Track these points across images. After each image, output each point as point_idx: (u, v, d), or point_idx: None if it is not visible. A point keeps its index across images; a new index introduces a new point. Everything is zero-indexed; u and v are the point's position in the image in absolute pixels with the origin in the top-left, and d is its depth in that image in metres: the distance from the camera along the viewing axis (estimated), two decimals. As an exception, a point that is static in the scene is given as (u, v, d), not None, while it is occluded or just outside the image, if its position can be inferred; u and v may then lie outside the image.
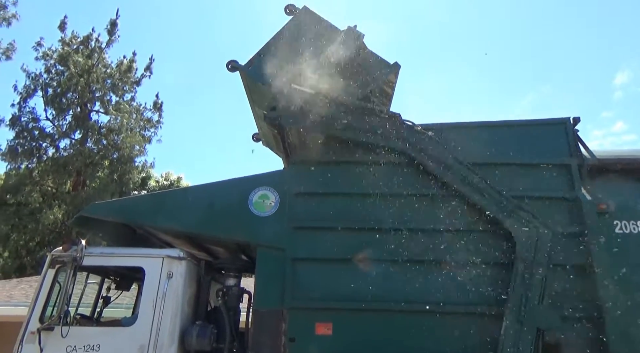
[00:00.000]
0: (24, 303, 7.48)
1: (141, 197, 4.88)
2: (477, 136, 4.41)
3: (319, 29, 4.79)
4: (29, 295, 8.24)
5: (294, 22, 4.84)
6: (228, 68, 4.72)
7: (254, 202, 4.31)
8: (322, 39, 4.68)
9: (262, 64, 4.62)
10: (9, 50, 21.60)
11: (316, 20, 4.84)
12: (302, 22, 4.81)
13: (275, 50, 4.69)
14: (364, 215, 4.17)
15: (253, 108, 5.40)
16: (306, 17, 4.84)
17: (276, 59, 4.59)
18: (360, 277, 4.00)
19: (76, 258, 3.89)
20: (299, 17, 4.83)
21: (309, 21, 4.82)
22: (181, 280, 4.13)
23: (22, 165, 20.53)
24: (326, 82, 4.40)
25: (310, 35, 4.73)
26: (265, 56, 4.68)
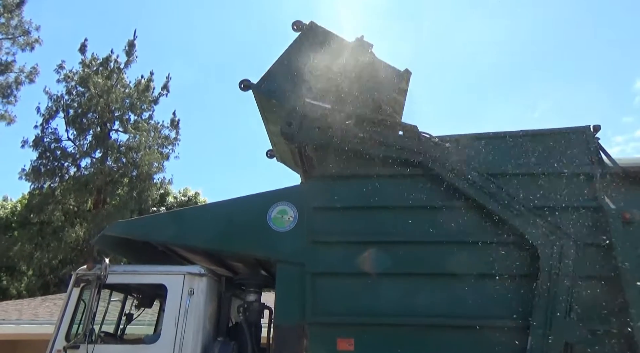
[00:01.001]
0: (49, 322, 7.60)
1: (162, 214, 4.97)
2: (496, 146, 4.37)
3: (327, 43, 4.84)
4: (54, 313, 8.38)
5: (302, 38, 4.90)
6: (241, 87, 4.77)
7: (273, 218, 4.33)
8: (332, 52, 4.73)
9: (274, 81, 4.68)
10: (32, 73, 22.37)
11: (324, 34, 4.90)
12: (311, 37, 4.87)
13: (286, 67, 4.74)
14: (384, 229, 4.16)
15: (267, 126, 5.45)
16: (314, 32, 4.89)
17: (288, 75, 4.64)
18: (381, 291, 3.97)
19: (100, 277, 3.96)
20: (307, 33, 4.90)
21: (317, 36, 4.88)
22: (202, 297, 4.16)
23: (45, 184, 21.06)
24: (339, 95, 4.44)
25: (319, 49, 4.78)
26: (276, 73, 4.74)
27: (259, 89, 4.76)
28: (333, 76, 4.55)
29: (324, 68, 4.61)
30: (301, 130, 4.31)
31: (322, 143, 4.38)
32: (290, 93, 4.51)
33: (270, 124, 5.34)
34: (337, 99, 4.45)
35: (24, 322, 7.87)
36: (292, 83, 4.58)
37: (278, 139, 5.45)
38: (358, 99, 4.52)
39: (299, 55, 4.78)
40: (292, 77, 4.62)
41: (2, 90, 21.59)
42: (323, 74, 4.57)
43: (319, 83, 4.52)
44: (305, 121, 4.32)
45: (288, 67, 4.72)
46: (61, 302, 8.96)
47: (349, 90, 4.51)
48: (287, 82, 4.61)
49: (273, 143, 5.92)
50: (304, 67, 4.65)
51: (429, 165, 4.21)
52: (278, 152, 6.10)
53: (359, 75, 4.60)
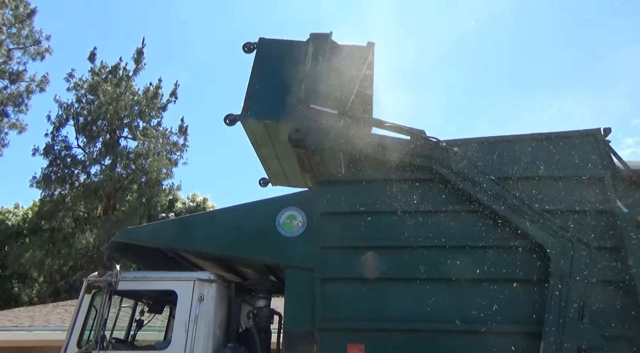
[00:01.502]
0: (60, 328, 7.67)
1: (171, 221, 5.00)
2: (504, 150, 4.35)
3: (284, 50, 4.80)
4: (65, 319, 8.45)
5: (259, 55, 4.84)
6: (226, 123, 4.60)
7: (282, 223, 4.34)
8: (295, 57, 4.70)
9: (257, 102, 4.60)
10: (43, 82, 22.75)
11: (278, 43, 4.86)
12: (266, 51, 4.83)
13: (262, 84, 4.68)
14: (393, 234, 4.14)
15: (258, 151, 5.35)
16: (266, 45, 4.85)
17: (268, 90, 4.61)
18: (391, 297, 3.95)
19: (111, 283, 4.00)
20: (262, 48, 4.85)
21: (272, 47, 4.84)
22: (212, 303, 4.18)
23: (56, 191, 21.31)
24: (318, 93, 4.42)
25: (283, 58, 4.75)
26: (255, 96, 4.65)
27: (247, 116, 4.63)
28: (304, 75, 4.52)
29: (295, 72, 4.58)
30: (310, 135, 4.32)
31: (331, 147, 4.38)
32: (280, 105, 4.48)
33: (262, 148, 5.26)
34: (332, 99, 4.43)
35: (36, 329, 7.95)
36: (277, 96, 4.54)
37: (271, 162, 5.47)
38: (345, 95, 4.48)
39: (267, 70, 4.75)
40: (273, 92, 4.59)
41: (14, 100, 21.96)
42: (296, 77, 4.54)
43: (299, 88, 4.49)
44: (313, 125, 4.34)
45: (264, 85, 4.67)
46: (72, 309, 9.03)
47: (326, 84, 4.47)
48: (271, 97, 4.58)
49: (267, 167, 5.84)
50: (275, 80, 4.62)
51: (437, 169, 4.20)
52: (273, 176, 6.03)
53: (330, 68, 4.56)
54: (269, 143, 4.96)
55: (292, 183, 5.99)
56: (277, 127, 4.56)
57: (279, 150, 5.11)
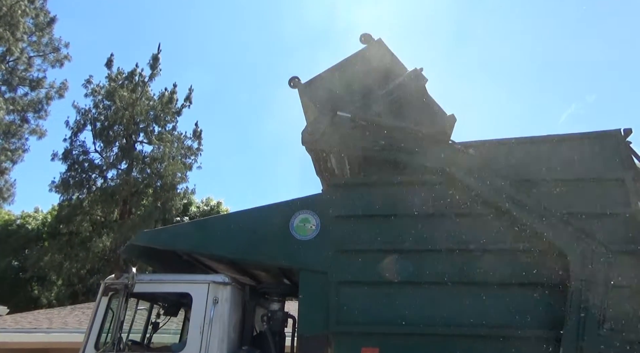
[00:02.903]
0: (78, 330, 7.78)
1: (186, 224, 5.05)
2: (522, 152, 4.28)
3: (388, 63, 4.75)
4: (83, 322, 8.57)
5: (364, 52, 4.79)
6: (290, 85, 4.72)
7: (296, 226, 4.34)
8: (388, 74, 4.67)
9: (319, 88, 4.63)
10: (62, 89, 23.23)
11: (387, 54, 4.78)
12: (373, 53, 4.77)
13: (339, 75, 4.68)
14: (406, 237, 4.11)
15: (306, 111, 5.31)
16: (379, 49, 4.79)
17: (334, 85, 4.60)
18: (406, 300, 3.92)
19: (128, 286, 4.03)
20: (371, 48, 4.81)
21: (381, 53, 4.78)
22: (227, 306, 4.19)
23: (74, 196, 21.68)
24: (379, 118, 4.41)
25: (378, 67, 4.71)
26: (326, 79, 4.68)
27: (304, 90, 4.73)
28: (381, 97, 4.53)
29: (375, 86, 4.58)
30: (322, 138, 4.31)
31: (342, 150, 4.36)
32: (328, 101, 4.48)
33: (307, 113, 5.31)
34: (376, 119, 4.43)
35: (54, 331, 8.08)
36: (335, 92, 4.55)
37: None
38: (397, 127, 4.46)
39: (354, 68, 4.71)
40: (338, 87, 4.59)
41: (34, 106, 22.45)
42: (371, 91, 4.55)
43: (363, 100, 4.51)
44: (329, 129, 4.33)
45: (340, 76, 4.66)
46: (90, 311, 9.15)
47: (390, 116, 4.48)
48: (331, 89, 4.58)
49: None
50: (355, 80, 4.61)
51: (452, 172, 4.15)
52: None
53: (405, 105, 4.56)
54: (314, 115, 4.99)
55: None
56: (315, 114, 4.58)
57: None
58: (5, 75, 21.91)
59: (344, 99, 4.51)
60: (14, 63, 22.30)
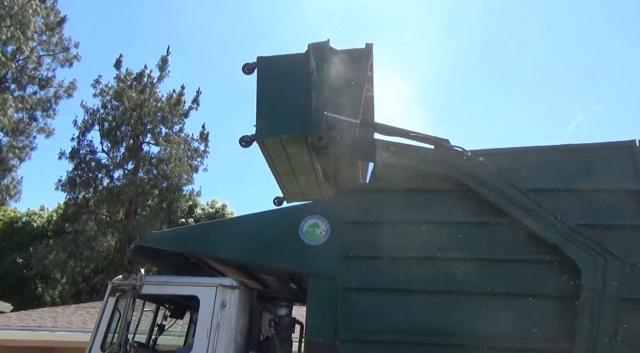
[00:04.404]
0: (82, 330, 7.78)
1: (195, 226, 5.05)
2: (535, 161, 4.25)
3: (285, 64, 4.76)
4: (87, 321, 8.58)
5: (261, 73, 4.80)
6: (242, 145, 4.58)
7: (305, 231, 4.31)
8: (298, 67, 4.65)
9: (271, 121, 4.58)
10: (70, 88, 23.41)
11: (278, 59, 4.82)
12: (268, 67, 4.78)
13: (270, 102, 4.65)
14: (418, 244, 4.07)
15: (274, 169, 5.32)
16: (266, 63, 4.79)
17: (278, 106, 4.60)
18: (415, 309, 3.88)
19: (135, 287, 4.01)
20: (262, 66, 4.84)
21: (272, 64, 4.80)
22: (234, 310, 4.16)
23: (80, 195, 21.79)
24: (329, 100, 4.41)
25: (285, 72, 4.72)
26: (266, 114, 4.63)
27: (262, 135, 4.60)
28: (310, 85, 4.49)
29: (300, 85, 4.55)
30: (332, 142, 4.29)
31: (355, 156, 4.34)
32: (294, 118, 4.47)
33: (278, 165, 5.26)
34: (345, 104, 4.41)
35: (59, 329, 8.08)
36: (289, 109, 4.53)
37: (287, 178, 5.44)
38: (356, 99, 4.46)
39: (272, 87, 4.72)
40: (283, 106, 4.58)
41: (43, 105, 22.62)
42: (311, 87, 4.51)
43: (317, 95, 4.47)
44: (334, 133, 4.31)
45: (272, 102, 4.64)
46: (94, 311, 9.15)
47: (341, 92, 4.46)
48: (282, 112, 4.57)
49: (282, 185, 5.80)
50: (286, 93, 4.60)
51: (461, 179, 4.12)
52: (288, 193, 5.98)
53: (335, 74, 4.54)
54: (285, 159, 4.98)
55: (309, 198, 5.95)
56: (293, 141, 4.55)
57: (295, 165, 5.09)
58: (15, 74, 22.13)
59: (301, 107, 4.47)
60: (24, 62, 22.52)
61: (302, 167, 5.00)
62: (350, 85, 4.58)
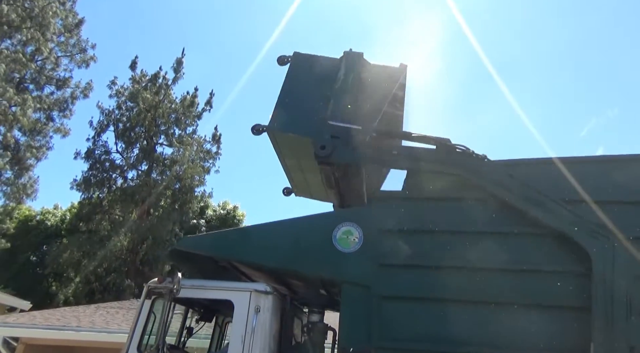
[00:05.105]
0: (105, 330, 7.87)
1: (229, 231, 5.11)
2: (568, 172, 4.25)
3: (318, 66, 4.83)
4: (109, 321, 8.68)
5: (292, 68, 4.86)
6: (253, 132, 4.67)
7: (338, 238, 4.34)
8: (326, 73, 4.73)
9: (285, 115, 4.64)
10: (87, 89, 23.69)
11: (312, 59, 4.87)
12: (300, 65, 4.85)
13: (291, 99, 4.72)
14: (453, 253, 4.08)
15: (283, 162, 5.41)
16: (300, 60, 4.85)
17: (296, 105, 4.66)
18: (451, 319, 3.89)
19: (173, 290, 4.07)
20: (294, 62, 4.89)
21: (305, 63, 4.87)
22: (268, 315, 4.20)
23: (94, 194, 22.01)
24: (357, 112, 4.46)
25: (314, 73, 4.80)
26: (284, 107, 4.70)
27: (274, 127, 4.67)
28: (337, 92, 4.57)
29: (328, 88, 4.63)
30: (336, 151, 4.34)
31: (358, 162, 4.41)
32: (307, 120, 4.53)
33: (287, 159, 5.35)
34: (359, 116, 4.47)
35: (82, 329, 8.17)
36: (305, 110, 4.60)
37: (295, 173, 5.52)
38: (372, 113, 4.53)
39: (298, 84, 4.79)
40: (301, 106, 4.65)
41: (59, 105, 22.91)
42: (329, 93, 4.59)
43: (329, 103, 4.54)
44: (337, 142, 4.37)
45: (293, 99, 4.72)
46: (113, 311, 9.25)
47: (360, 105, 4.53)
48: (298, 111, 4.62)
49: (290, 178, 5.88)
50: (309, 93, 4.68)
51: (492, 189, 4.13)
52: (297, 187, 6.06)
53: (360, 86, 4.60)
54: (294, 155, 5.02)
55: (315, 196, 5.99)
56: (302, 141, 4.60)
57: (303, 162, 5.14)
58: (34, 74, 22.45)
59: (318, 109, 4.53)
60: (42, 62, 22.84)
61: (310, 166, 5.02)
62: (370, 99, 4.63)
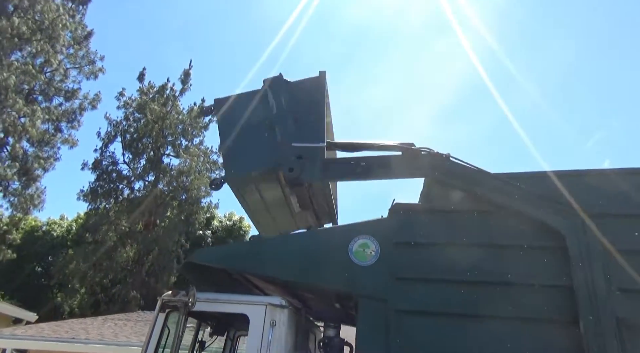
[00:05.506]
0: (115, 342, 7.80)
1: (243, 243, 5.08)
2: (589, 184, 4.19)
3: (242, 103, 4.89)
4: (118, 333, 8.61)
5: (220, 114, 4.96)
6: (212, 188, 4.81)
7: (355, 251, 4.29)
8: (256, 104, 4.82)
9: (238, 160, 4.73)
10: (95, 100, 23.91)
11: (234, 99, 4.94)
12: (226, 108, 4.94)
13: (234, 141, 4.78)
14: (470, 267, 4.02)
15: (247, 208, 5.47)
16: (224, 103, 4.93)
17: (243, 144, 4.72)
18: (472, 335, 3.80)
19: (187, 303, 4.02)
20: (219, 109, 4.97)
21: (230, 103, 4.94)
22: (284, 329, 4.13)
23: (101, 205, 22.05)
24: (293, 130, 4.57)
25: (243, 110, 4.84)
26: (232, 154, 4.79)
27: (232, 175, 4.77)
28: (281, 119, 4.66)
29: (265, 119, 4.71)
30: (304, 171, 4.41)
31: (329, 178, 4.51)
32: (261, 153, 4.61)
33: (251, 203, 5.41)
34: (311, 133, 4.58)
35: (91, 342, 8.10)
36: (254, 146, 4.69)
37: (261, 215, 5.60)
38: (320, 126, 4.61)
39: (233, 126, 4.85)
40: (248, 144, 4.73)
41: (68, 116, 23.10)
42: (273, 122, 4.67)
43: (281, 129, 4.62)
44: (304, 162, 4.45)
45: (236, 141, 4.77)
46: (121, 323, 9.18)
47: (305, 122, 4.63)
48: (248, 150, 4.71)
49: (256, 222, 5.94)
50: (249, 130, 4.73)
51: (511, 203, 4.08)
52: (264, 229, 6.10)
53: (296, 105, 4.70)
54: (258, 196, 5.09)
55: (284, 232, 6.02)
56: (263, 177, 4.68)
57: (268, 200, 5.23)
58: (43, 86, 22.66)
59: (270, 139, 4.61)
60: (51, 74, 23.09)
61: (274, 201, 5.15)
62: (310, 113, 4.72)
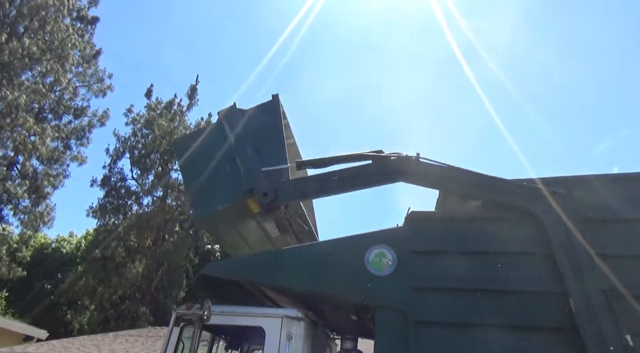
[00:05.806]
0: (126, 359, 7.71)
1: (258, 255, 4.98)
2: (609, 190, 4.12)
3: (199, 139, 4.97)
4: (129, 349, 8.52)
5: (179, 155, 5.01)
6: (181, 228, 4.96)
7: (371, 261, 4.23)
8: (213, 139, 4.90)
9: (206, 198, 4.75)
10: (104, 117, 24.16)
11: (190, 138, 5.05)
12: (183, 148, 5.00)
13: (198, 180, 4.82)
14: (489, 276, 3.94)
15: (223, 243, 5.57)
16: (181, 143, 5.05)
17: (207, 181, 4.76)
18: (493, 345, 3.71)
19: (202, 317, 3.97)
20: (177, 148, 5.01)
21: (186, 143, 5.02)
22: (300, 342, 4.06)
23: (110, 221, 22.10)
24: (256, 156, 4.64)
25: (201, 147, 4.93)
26: (199, 193, 4.81)
27: (201, 214, 4.78)
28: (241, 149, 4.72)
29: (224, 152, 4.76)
30: (278, 194, 4.47)
31: (304, 197, 4.56)
32: (228, 186, 4.63)
33: (226, 237, 5.44)
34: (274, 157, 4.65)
35: (103, 358, 8.05)
36: (219, 181, 4.72)
37: (238, 248, 5.61)
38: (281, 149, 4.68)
39: (193, 165, 4.91)
40: (212, 180, 4.76)
41: (77, 133, 23.33)
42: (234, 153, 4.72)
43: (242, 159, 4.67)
44: (275, 185, 4.49)
45: (199, 179, 4.81)
46: (132, 339, 9.10)
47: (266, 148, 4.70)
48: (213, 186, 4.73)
49: (235, 255, 5.93)
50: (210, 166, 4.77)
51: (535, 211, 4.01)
52: None
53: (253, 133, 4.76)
54: (231, 228, 5.11)
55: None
56: (233, 210, 4.69)
57: (241, 230, 5.25)
58: (52, 104, 22.96)
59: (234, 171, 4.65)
60: (61, 92, 23.40)
61: (249, 231, 5.19)
62: (269, 137, 4.79)
